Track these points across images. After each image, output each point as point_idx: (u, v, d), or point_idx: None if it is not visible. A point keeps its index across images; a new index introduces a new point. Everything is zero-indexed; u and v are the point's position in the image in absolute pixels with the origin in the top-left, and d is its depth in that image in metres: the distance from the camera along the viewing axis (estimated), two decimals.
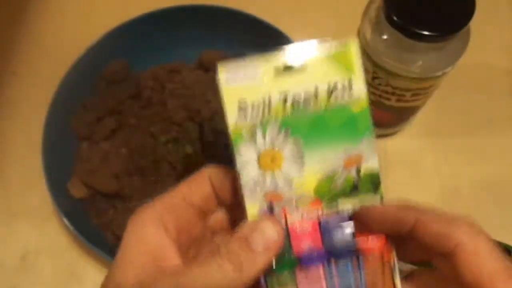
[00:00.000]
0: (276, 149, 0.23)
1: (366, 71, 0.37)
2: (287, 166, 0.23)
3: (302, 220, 0.23)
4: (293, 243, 0.23)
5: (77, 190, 0.40)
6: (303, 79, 0.23)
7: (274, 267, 0.22)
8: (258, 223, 0.22)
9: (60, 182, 0.39)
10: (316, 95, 0.23)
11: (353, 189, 0.23)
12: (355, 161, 0.23)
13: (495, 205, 0.42)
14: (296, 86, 0.23)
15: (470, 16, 0.31)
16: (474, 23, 0.32)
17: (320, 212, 0.23)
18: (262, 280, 0.23)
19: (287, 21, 0.42)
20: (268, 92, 0.23)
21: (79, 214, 0.39)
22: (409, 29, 0.31)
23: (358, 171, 0.24)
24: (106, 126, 0.41)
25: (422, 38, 0.31)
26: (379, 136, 0.45)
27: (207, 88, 0.41)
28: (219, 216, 0.26)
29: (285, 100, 0.23)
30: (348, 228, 0.23)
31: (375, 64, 0.35)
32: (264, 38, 0.41)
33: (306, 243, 0.23)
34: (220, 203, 0.26)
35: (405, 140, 0.45)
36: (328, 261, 0.23)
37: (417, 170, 0.44)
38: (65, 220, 0.36)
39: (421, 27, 0.31)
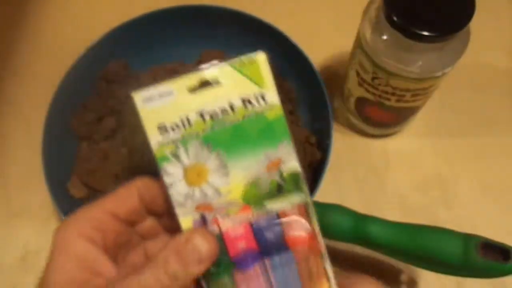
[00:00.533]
0: (201, 163, 0.25)
1: (366, 71, 0.37)
2: (213, 178, 0.25)
3: (234, 226, 0.25)
4: (229, 248, 0.25)
5: (77, 190, 0.40)
6: (218, 95, 0.25)
7: (212, 273, 0.24)
8: (190, 237, 0.23)
9: (60, 182, 0.39)
10: (232, 108, 0.25)
11: (278, 191, 0.25)
12: (276, 165, 0.25)
13: (495, 205, 0.42)
14: (212, 103, 0.24)
15: (470, 16, 0.31)
16: (474, 23, 0.32)
17: (250, 216, 0.25)
18: (204, 285, 0.24)
19: (287, 21, 0.42)
20: (185, 110, 0.24)
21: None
22: (409, 29, 0.31)
23: (281, 173, 0.25)
24: (106, 126, 0.41)
25: (422, 38, 0.31)
26: (379, 136, 0.45)
27: None
28: (149, 224, 0.27)
29: (203, 117, 0.24)
30: (277, 226, 0.25)
31: (375, 64, 0.35)
32: (264, 38, 0.41)
33: (241, 246, 0.25)
34: (151, 212, 0.26)
35: (405, 140, 0.45)
36: (263, 260, 0.25)
37: (417, 170, 0.44)
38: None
39: (421, 27, 0.31)
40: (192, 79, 0.24)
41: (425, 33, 0.31)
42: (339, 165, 0.44)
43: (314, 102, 0.40)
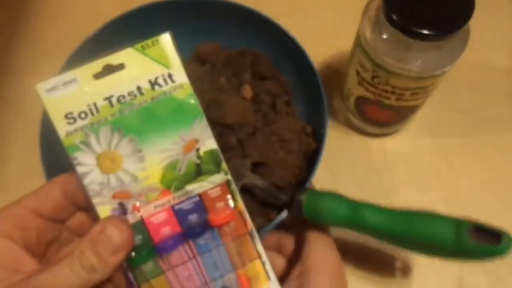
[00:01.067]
0: (113, 150, 0.24)
1: (365, 70, 0.37)
2: (128, 164, 0.24)
3: (156, 211, 0.24)
4: (152, 234, 0.24)
5: None
6: (124, 79, 0.24)
7: (135, 261, 0.24)
8: (104, 227, 0.22)
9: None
10: (139, 90, 0.24)
11: (197, 172, 0.25)
12: (193, 145, 0.24)
13: (495, 205, 0.42)
14: (119, 87, 0.24)
15: (470, 15, 0.31)
16: (474, 22, 0.32)
17: (171, 200, 0.25)
18: (130, 276, 0.24)
19: (287, 20, 0.42)
20: (92, 97, 0.24)
21: None
22: (409, 28, 0.31)
23: (198, 153, 0.25)
24: None
25: (421, 37, 0.31)
26: (379, 135, 0.45)
27: (203, 80, 0.41)
28: (79, 219, 0.27)
29: (110, 102, 0.24)
30: (200, 208, 0.25)
31: (375, 63, 0.35)
32: (261, 31, 0.41)
33: (164, 231, 0.24)
34: (79, 207, 0.26)
35: (405, 139, 0.45)
36: (188, 243, 0.25)
37: (416, 170, 0.44)
38: None
39: (421, 26, 0.31)
40: (96, 65, 0.24)
41: (425, 32, 0.31)
42: (338, 164, 0.44)
43: (310, 94, 0.40)
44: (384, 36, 0.34)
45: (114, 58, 0.24)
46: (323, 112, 0.37)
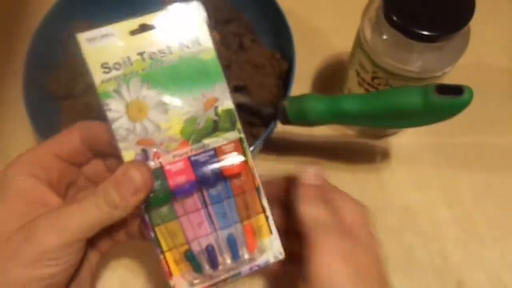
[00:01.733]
0: (141, 99, 0.26)
1: (365, 71, 0.37)
2: (153, 114, 0.26)
3: (174, 160, 0.27)
4: (169, 180, 0.26)
5: None
6: (157, 38, 0.27)
7: (150, 203, 0.26)
8: (127, 169, 0.24)
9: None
10: (169, 50, 0.27)
11: (214, 128, 0.27)
12: (212, 103, 0.27)
13: (495, 205, 0.42)
14: (151, 44, 0.26)
15: (470, 16, 0.31)
16: (474, 23, 0.32)
17: (189, 151, 0.27)
18: (146, 217, 0.26)
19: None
20: (126, 51, 0.26)
21: None
22: (409, 29, 0.31)
23: (216, 111, 0.27)
24: (82, 82, 0.41)
25: (421, 38, 0.31)
26: (380, 136, 0.45)
27: None
28: (93, 166, 0.29)
29: (142, 57, 0.26)
30: (215, 161, 0.27)
31: (375, 64, 0.35)
32: None
33: (180, 179, 0.27)
34: (97, 154, 0.28)
35: (405, 140, 0.45)
36: (202, 192, 0.27)
37: (416, 170, 0.44)
38: None
39: (421, 27, 0.31)
40: (133, 23, 0.26)
41: (425, 33, 0.31)
42: (338, 164, 0.44)
43: (273, 25, 0.43)
44: (384, 37, 0.34)
45: (149, 18, 0.26)
46: (288, 34, 0.40)
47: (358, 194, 0.43)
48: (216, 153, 0.27)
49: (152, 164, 0.26)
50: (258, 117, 0.39)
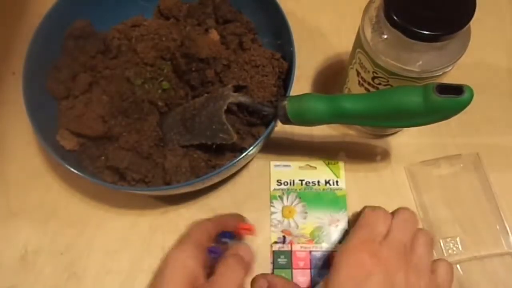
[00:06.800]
0: (292, 206, 0.42)
1: (366, 70, 0.37)
2: (297, 217, 0.42)
3: (300, 249, 0.40)
4: (293, 261, 0.40)
5: (67, 141, 0.40)
6: (313, 174, 0.43)
7: (274, 272, 0.40)
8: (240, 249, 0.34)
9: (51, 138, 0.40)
10: (318, 183, 0.43)
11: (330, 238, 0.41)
12: (335, 222, 0.42)
13: (495, 204, 0.42)
14: (309, 177, 0.43)
15: (470, 16, 0.31)
16: (474, 23, 0.32)
17: (312, 247, 0.41)
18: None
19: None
20: (293, 177, 0.43)
21: (74, 167, 0.37)
22: (409, 28, 0.31)
23: (336, 228, 0.41)
24: (82, 82, 0.42)
25: (422, 37, 0.31)
26: (380, 136, 0.45)
27: (172, 29, 0.43)
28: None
29: (301, 183, 0.43)
30: (326, 260, 0.40)
31: (375, 64, 0.35)
32: None
33: (300, 263, 0.40)
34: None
35: (405, 140, 0.45)
36: (311, 273, 0.40)
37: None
38: (65, 164, 0.36)
39: (421, 27, 0.31)
40: (302, 163, 0.44)
41: (425, 33, 0.31)
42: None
43: (273, 25, 0.43)
44: (385, 37, 0.34)
45: (312, 163, 0.44)
46: (287, 32, 0.41)
47: (358, 194, 0.43)
48: (328, 255, 0.40)
49: (286, 247, 0.40)
50: (258, 117, 0.40)
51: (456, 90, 0.29)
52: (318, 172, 0.43)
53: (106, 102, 0.40)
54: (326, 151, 0.44)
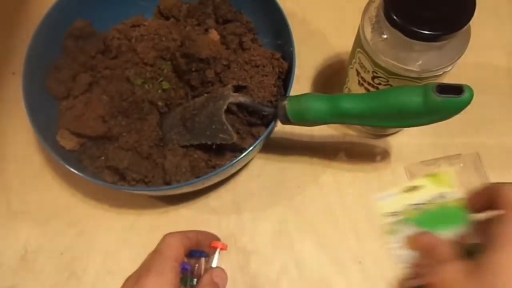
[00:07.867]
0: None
1: (366, 70, 0.37)
2: None
3: None
4: None
5: (67, 141, 0.40)
6: (421, 194, 0.40)
7: None
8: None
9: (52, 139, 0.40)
10: (430, 201, 0.39)
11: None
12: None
13: None
14: (419, 197, 0.40)
15: (470, 15, 0.31)
16: (474, 23, 0.32)
17: None
18: None
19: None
20: (403, 203, 0.40)
21: (74, 167, 0.37)
22: (409, 28, 0.31)
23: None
24: (82, 82, 0.42)
25: (421, 37, 0.31)
26: (380, 136, 0.45)
27: (172, 29, 0.43)
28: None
29: (412, 206, 0.39)
30: None
31: (375, 64, 0.35)
32: None
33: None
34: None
35: (405, 140, 0.45)
36: None
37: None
38: (65, 164, 0.36)
39: (421, 26, 0.31)
40: (407, 186, 0.41)
41: (425, 32, 0.31)
42: (338, 164, 0.44)
43: (273, 24, 0.43)
44: (385, 36, 0.34)
45: (418, 182, 0.40)
46: (287, 32, 0.41)
47: (358, 194, 0.43)
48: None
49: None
50: (258, 117, 0.40)
51: (456, 90, 0.29)
52: (427, 189, 0.40)
53: (106, 102, 0.41)
54: (326, 151, 0.44)
